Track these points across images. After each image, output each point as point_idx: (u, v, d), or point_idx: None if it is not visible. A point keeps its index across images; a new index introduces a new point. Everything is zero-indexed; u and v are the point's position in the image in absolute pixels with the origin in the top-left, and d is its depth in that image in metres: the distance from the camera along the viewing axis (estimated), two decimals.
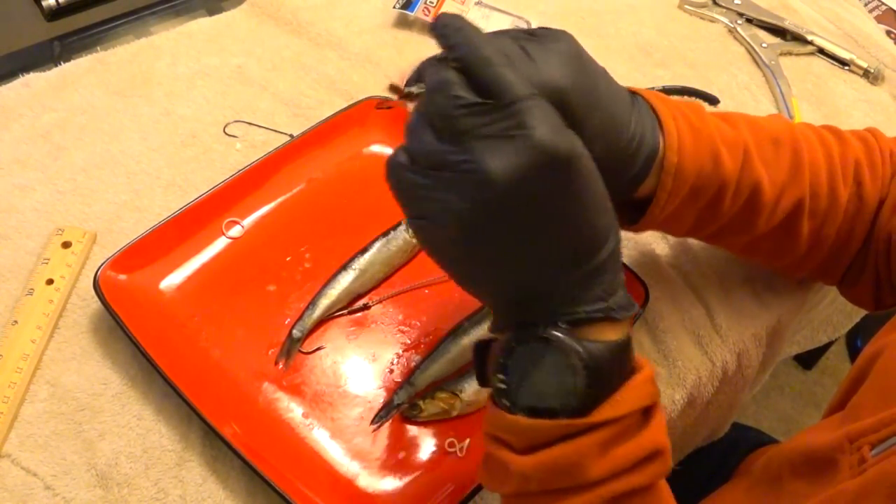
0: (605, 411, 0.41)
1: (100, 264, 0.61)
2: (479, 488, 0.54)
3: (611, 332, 0.42)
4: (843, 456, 0.48)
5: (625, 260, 0.66)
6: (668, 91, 0.86)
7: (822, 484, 0.49)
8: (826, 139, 0.60)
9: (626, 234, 0.71)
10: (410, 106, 0.41)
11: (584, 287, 0.41)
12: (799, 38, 0.93)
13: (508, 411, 0.42)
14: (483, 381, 0.46)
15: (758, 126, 0.57)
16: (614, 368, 0.42)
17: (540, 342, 0.41)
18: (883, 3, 1.05)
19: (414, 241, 0.67)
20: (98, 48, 0.81)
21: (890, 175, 0.61)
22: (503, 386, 0.43)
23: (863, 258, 0.62)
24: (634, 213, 0.55)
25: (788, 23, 0.94)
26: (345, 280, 0.63)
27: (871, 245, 0.61)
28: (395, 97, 0.42)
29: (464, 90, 0.38)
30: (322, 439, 0.58)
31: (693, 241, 0.72)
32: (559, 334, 0.41)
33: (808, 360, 1.59)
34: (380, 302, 0.65)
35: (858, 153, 0.60)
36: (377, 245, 0.66)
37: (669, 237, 0.72)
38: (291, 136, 0.72)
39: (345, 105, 0.74)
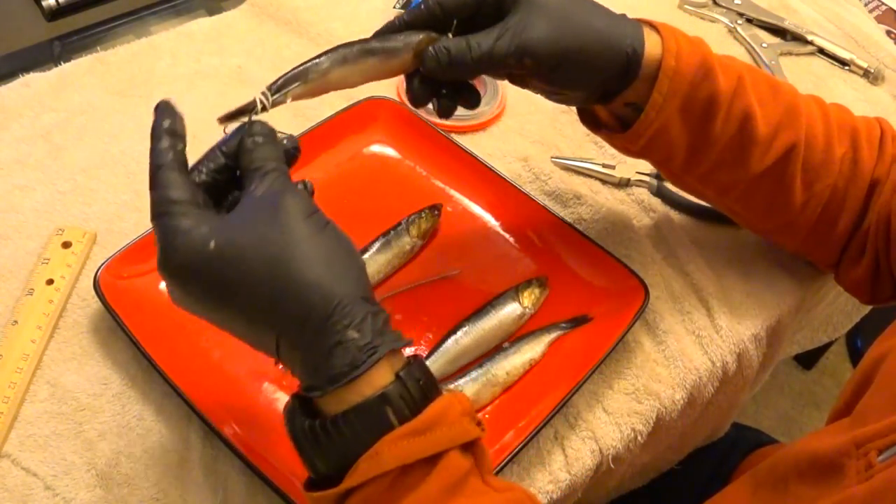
0: (346, 481, 0.40)
1: (100, 264, 0.61)
2: None
3: (341, 400, 0.41)
4: (850, 461, 0.48)
5: (625, 260, 0.66)
6: None
7: (829, 488, 0.48)
8: (825, 104, 0.62)
9: (626, 233, 0.71)
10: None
11: (306, 360, 0.42)
12: (799, 38, 0.93)
13: None
14: None
15: (756, 70, 0.60)
16: (343, 438, 0.41)
17: None
18: (883, 3, 1.05)
19: (414, 241, 0.67)
20: (98, 48, 0.81)
21: (892, 156, 0.62)
22: None
23: (862, 239, 0.62)
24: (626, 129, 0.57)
25: (788, 23, 0.94)
26: None
27: (871, 225, 0.61)
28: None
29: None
30: None
31: (693, 242, 0.72)
32: (290, 404, 0.44)
33: (808, 360, 1.59)
34: (380, 302, 0.65)
35: (857, 123, 0.62)
36: (377, 245, 0.66)
37: (669, 238, 0.72)
38: (291, 136, 0.72)
39: (345, 105, 0.74)
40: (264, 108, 0.47)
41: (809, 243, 0.65)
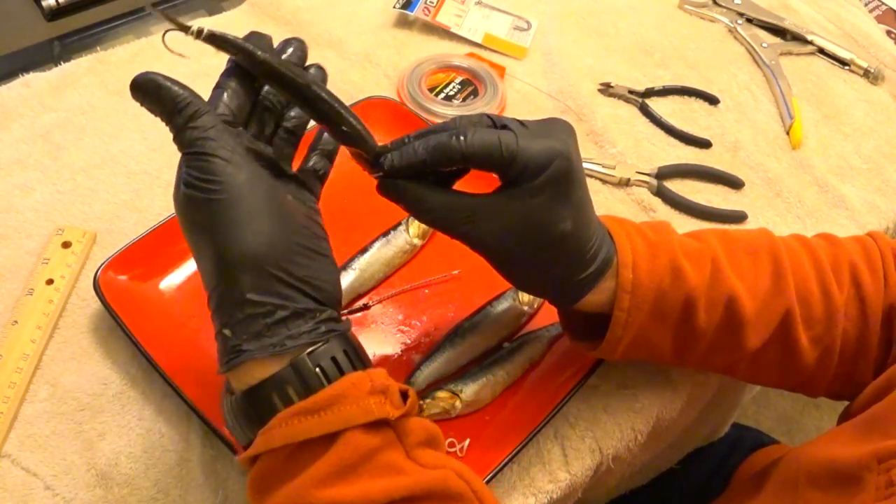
0: (248, 450, 0.43)
1: (100, 264, 0.61)
2: None
3: (260, 370, 0.43)
4: (871, 475, 0.46)
5: None
6: (668, 91, 0.86)
7: (844, 499, 0.47)
8: (813, 246, 0.58)
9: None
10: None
11: (231, 316, 0.43)
12: (799, 38, 0.94)
13: None
14: None
15: (731, 238, 0.56)
16: (246, 414, 0.43)
17: None
18: (883, 3, 1.05)
19: (414, 241, 0.67)
20: (98, 48, 0.81)
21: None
22: None
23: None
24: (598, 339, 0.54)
25: (788, 23, 0.94)
26: (345, 280, 0.63)
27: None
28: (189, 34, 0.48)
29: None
30: None
31: None
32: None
33: None
34: (380, 302, 0.65)
35: (854, 255, 0.57)
36: (377, 245, 0.66)
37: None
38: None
39: None
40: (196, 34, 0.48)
41: (833, 390, 0.59)
